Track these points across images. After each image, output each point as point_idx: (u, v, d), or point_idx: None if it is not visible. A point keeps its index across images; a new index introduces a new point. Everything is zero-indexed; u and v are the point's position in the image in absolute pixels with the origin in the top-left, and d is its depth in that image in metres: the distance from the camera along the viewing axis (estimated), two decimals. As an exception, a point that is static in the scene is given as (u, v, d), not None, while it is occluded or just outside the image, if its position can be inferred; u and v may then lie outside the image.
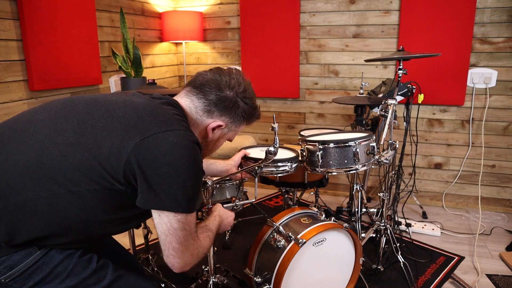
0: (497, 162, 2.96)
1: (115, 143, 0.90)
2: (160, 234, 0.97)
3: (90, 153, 0.90)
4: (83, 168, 0.90)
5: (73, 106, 0.99)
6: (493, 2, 2.70)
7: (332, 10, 3.07)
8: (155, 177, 0.90)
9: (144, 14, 3.11)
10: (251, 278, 1.64)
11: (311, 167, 1.78)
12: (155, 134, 0.92)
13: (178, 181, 0.92)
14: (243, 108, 1.14)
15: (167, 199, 0.92)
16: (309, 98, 3.30)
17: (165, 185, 0.91)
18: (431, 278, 2.14)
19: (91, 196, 0.92)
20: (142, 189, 0.92)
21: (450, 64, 2.84)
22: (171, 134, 0.93)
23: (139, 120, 0.94)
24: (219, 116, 1.12)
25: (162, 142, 0.91)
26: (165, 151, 0.90)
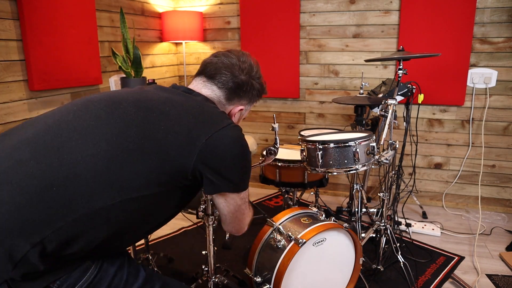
0: (497, 162, 2.96)
1: (181, 146, 0.96)
2: (227, 214, 1.14)
3: (159, 158, 0.93)
4: (155, 173, 0.93)
5: (122, 109, 0.98)
6: (493, 2, 2.70)
7: (332, 10, 3.07)
8: (222, 168, 1.01)
9: (144, 14, 3.11)
10: (251, 278, 1.64)
11: (311, 167, 1.78)
12: (215, 132, 0.99)
13: (241, 166, 1.06)
14: (257, 88, 1.23)
15: (234, 183, 1.06)
16: (309, 98, 3.30)
17: (231, 172, 1.04)
18: (431, 278, 2.14)
19: (160, 197, 0.98)
20: (210, 179, 1.01)
21: (450, 64, 2.84)
22: (228, 129, 1.03)
23: (196, 121, 1.01)
24: (239, 101, 1.20)
25: (223, 139, 1.01)
26: (228, 147, 1.01)
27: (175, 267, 2.28)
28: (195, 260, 2.33)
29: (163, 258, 2.33)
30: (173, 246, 2.52)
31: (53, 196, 0.85)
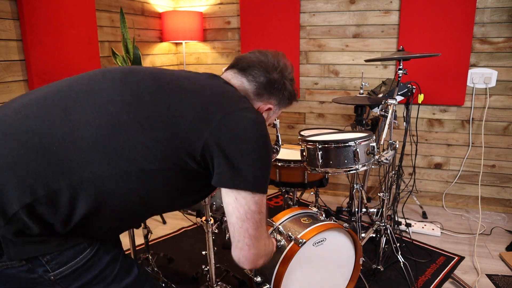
0: (497, 162, 2.96)
1: (194, 120, 0.87)
2: (235, 221, 0.92)
3: (168, 129, 0.86)
4: (161, 145, 0.85)
5: (138, 78, 0.93)
6: (493, 2, 2.70)
7: (332, 10, 3.07)
8: (236, 155, 0.88)
9: (144, 14, 3.11)
10: (251, 278, 1.64)
11: (311, 167, 1.78)
12: (234, 111, 0.90)
13: (259, 158, 0.90)
14: (289, 90, 1.13)
15: (249, 177, 0.89)
16: (309, 98, 3.30)
17: (246, 162, 0.89)
18: (431, 278, 2.14)
19: (162, 177, 0.88)
20: (221, 168, 0.88)
21: (450, 64, 2.84)
22: (249, 111, 0.93)
23: (215, 98, 0.92)
24: (268, 99, 1.10)
25: (241, 119, 0.90)
26: (245, 129, 0.89)
27: (175, 267, 2.28)
28: (195, 260, 2.33)
29: (163, 258, 2.32)
30: (173, 246, 2.52)
31: (52, 156, 0.80)
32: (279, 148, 1.50)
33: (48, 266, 0.82)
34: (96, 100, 0.87)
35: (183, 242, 2.56)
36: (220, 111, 0.89)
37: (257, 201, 0.92)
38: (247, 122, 0.90)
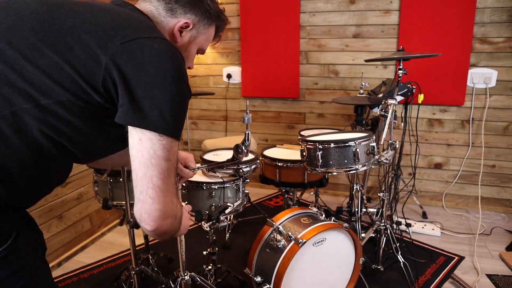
0: (497, 162, 2.96)
1: (90, 45, 0.75)
2: (138, 167, 0.78)
3: (60, 55, 0.74)
4: (54, 74, 0.74)
5: (22, 3, 0.80)
6: (493, 2, 2.70)
7: (332, 10, 3.07)
8: (139, 87, 0.76)
9: (144, 14, 3.11)
10: (251, 278, 1.64)
11: (311, 167, 1.78)
12: (138, 38, 0.78)
13: (166, 93, 0.78)
14: (208, 3, 0.98)
15: (153, 114, 0.76)
16: (309, 98, 3.30)
17: (150, 96, 0.76)
18: (431, 278, 2.14)
19: (63, 112, 0.76)
20: (123, 101, 0.76)
21: (450, 64, 2.84)
22: (156, 41, 0.81)
23: (115, 24, 0.80)
24: (183, 14, 0.95)
25: (146, 47, 0.78)
26: (151, 57, 0.77)
27: (175, 267, 2.28)
28: (195, 260, 2.33)
29: (163, 258, 2.33)
30: (173, 246, 2.51)
31: None
32: (247, 150, 1.28)
33: None
34: None
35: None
36: (120, 37, 0.77)
37: (165, 146, 0.78)
38: (154, 52, 0.78)
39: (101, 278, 2.19)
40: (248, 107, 1.29)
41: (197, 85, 3.56)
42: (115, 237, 2.70)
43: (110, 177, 1.78)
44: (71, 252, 2.42)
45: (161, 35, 0.85)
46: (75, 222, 2.46)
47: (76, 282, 2.16)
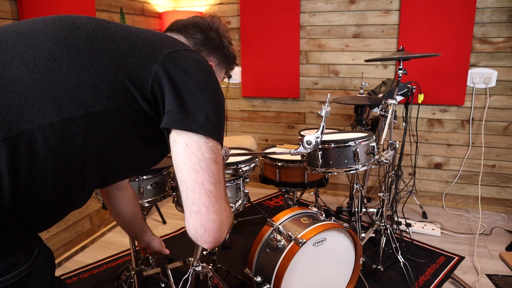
0: (497, 162, 2.96)
1: (140, 54, 0.78)
2: (187, 174, 0.75)
3: (114, 61, 0.75)
4: (107, 79, 0.73)
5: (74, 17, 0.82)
6: (493, 2, 2.70)
7: (332, 10, 3.07)
8: (187, 91, 0.78)
9: (144, 14, 3.11)
10: (251, 278, 1.64)
11: (311, 167, 1.78)
12: (180, 50, 0.83)
13: (209, 99, 0.80)
14: (228, 49, 1.08)
15: (200, 118, 0.77)
16: (309, 98, 3.30)
17: (197, 101, 0.78)
18: (431, 278, 2.14)
19: (111, 121, 0.74)
20: (171, 105, 0.77)
21: (450, 64, 2.84)
22: (194, 53, 0.86)
23: (159, 38, 0.84)
24: (208, 56, 1.02)
25: (189, 58, 0.83)
26: (194, 67, 0.81)
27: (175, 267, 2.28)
28: (195, 260, 2.33)
29: (163, 258, 2.32)
30: (173, 246, 2.52)
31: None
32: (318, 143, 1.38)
33: None
34: (28, 39, 0.73)
35: (183, 242, 2.56)
36: (167, 48, 0.81)
37: (212, 148, 0.78)
38: (195, 61, 0.83)
39: (101, 278, 2.19)
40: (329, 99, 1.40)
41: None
42: (115, 237, 2.70)
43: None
44: (71, 252, 2.42)
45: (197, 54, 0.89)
46: (75, 222, 2.46)
47: (76, 282, 2.17)
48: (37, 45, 0.72)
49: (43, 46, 0.72)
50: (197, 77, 0.80)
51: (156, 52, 0.79)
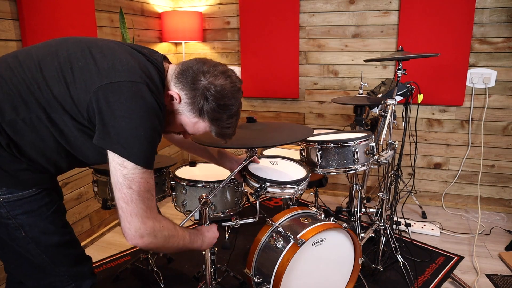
0: (496, 162, 2.96)
1: (86, 82, 0.99)
2: (113, 186, 1.01)
3: (67, 87, 1.00)
4: (60, 98, 1.00)
5: (65, 44, 1.11)
6: (492, 3, 2.71)
7: (332, 10, 3.07)
8: (111, 118, 0.95)
9: (144, 14, 3.11)
10: (251, 278, 1.64)
11: (311, 167, 1.78)
12: (121, 81, 0.98)
13: (132, 126, 0.96)
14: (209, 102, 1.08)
15: (117, 140, 0.96)
16: (308, 98, 3.31)
17: (118, 126, 0.95)
18: (431, 278, 2.14)
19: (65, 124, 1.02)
20: (98, 127, 0.98)
21: (450, 64, 2.84)
22: (137, 86, 0.99)
23: (111, 67, 1.00)
24: (180, 89, 1.09)
25: (125, 89, 0.97)
26: (125, 97, 0.96)
27: (174, 267, 2.28)
28: (195, 260, 2.33)
29: (162, 258, 2.33)
30: (172, 246, 2.51)
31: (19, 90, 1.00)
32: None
33: (0, 190, 1.02)
34: (26, 61, 1.06)
35: (183, 242, 2.56)
36: (107, 78, 0.98)
37: (126, 175, 0.97)
38: (130, 94, 0.97)
39: (101, 278, 2.19)
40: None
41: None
42: (115, 237, 2.70)
43: (109, 177, 1.77)
44: (70, 252, 2.42)
45: (146, 79, 1.02)
46: (74, 222, 2.46)
47: (76, 282, 2.16)
48: (25, 67, 1.03)
49: (28, 69, 1.03)
50: (125, 107, 0.96)
51: (97, 81, 0.98)
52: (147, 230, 1.01)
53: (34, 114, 1.00)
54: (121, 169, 0.97)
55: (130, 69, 1.01)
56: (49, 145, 1.05)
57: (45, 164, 1.08)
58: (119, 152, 0.96)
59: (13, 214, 1.04)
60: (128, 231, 1.00)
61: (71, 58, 1.04)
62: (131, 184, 0.98)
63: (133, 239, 1.00)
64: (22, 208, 1.05)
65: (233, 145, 1.45)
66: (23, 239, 1.07)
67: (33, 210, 1.07)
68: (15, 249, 1.09)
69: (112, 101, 0.96)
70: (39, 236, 1.09)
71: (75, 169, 2.43)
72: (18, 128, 1.00)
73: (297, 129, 1.61)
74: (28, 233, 1.07)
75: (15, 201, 1.04)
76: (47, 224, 1.10)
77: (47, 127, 1.02)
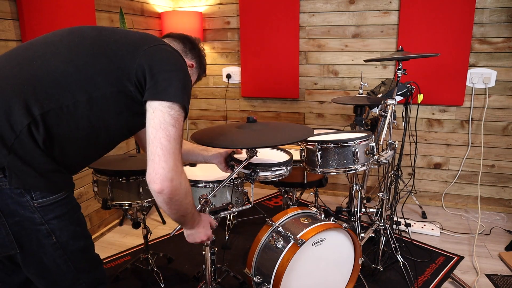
0: (496, 162, 2.96)
1: (127, 51, 1.09)
2: (150, 132, 1.05)
3: (108, 59, 1.08)
4: (104, 72, 1.06)
5: (81, 30, 1.16)
6: (492, 2, 2.71)
7: (332, 10, 3.07)
8: (161, 73, 1.07)
9: (144, 14, 3.11)
10: (251, 278, 1.64)
11: (311, 167, 1.78)
12: (157, 45, 1.13)
13: (177, 77, 1.09)
14: (204, 59, 1.43)
15: (169, 90, 1.06)
16: (308, 98, 3.31)
17: (168, 78, 1.07)
18: (431, 278, 2.14)
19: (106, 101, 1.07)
20: (150, 84, 1.07)
21: (450, 64, 2.84)
22: (168, 47, 1.17)
23: (141, 38, 1.15)
24: (191, 58, 1.36)
25: (162, 50, 1.13)
26: (167, 56, 1.12)
27: (174, 267, 2.28)
28: (195, 260, 2.33)
29: (162, 258, 2.33)
30: (173, 246, 2.52)
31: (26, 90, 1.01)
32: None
33: (34, 195, 1.01)
34: (47, 49, 1.12)
35: (183, 242, 2.55)
36: (147, 44, 1.12)
37: (173, 115, 1.06)
38: (167, 52, 1.13)
39: (100, 278, 2.19)
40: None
41: (197, 85, 3.56)
42: (115, 237, 2.70)
43: (109, 177, 1.78)
44: (70, 252, 2.42)
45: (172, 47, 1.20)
46: (74, 222, 2.46)
47: (76, 282, 2.16)
48: (57, 53, 1.08)
49: (61, 53, 1.08)
50: (168, 63, 1.10)
51: (139, 48, 1.10)
52: (177, 173, 1.06)
53: (72, 100, 1.03)
54: (169, 110, 1.05)
55: (156, 38, 1.19)
56: (82, 134, 1.07)
57: (74, 158, 1.11)
58: (171, 98, 1.05)
59: (46, 219, 1.04)
60: (161, 171, 1.02)
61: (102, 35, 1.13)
62: (175, 123, 1.06)
63: (163, 181, 1.03)
64: (54, 212, 1.05)
65: (234, 145, 1.46)
66: (52, 245, 1.06)
67: (64, 213, 1.08)
68: (40, 258, 1.08)
69: (158, 60, 1.09)
70: (67, 241, 1.09)
71: (75, 169, 2.45)
72: (56, 119, 1.01)
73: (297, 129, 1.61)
74: (59, 238, 1.07)
75: (48, 205, 1.04)
76: (75, 228, 1.11)
77: (85, 110, 1.05)
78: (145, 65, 1.07)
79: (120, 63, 1.08)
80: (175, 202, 1.10)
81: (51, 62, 1.06)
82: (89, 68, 1.06)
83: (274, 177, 1.63)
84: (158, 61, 1.09)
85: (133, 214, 2.03)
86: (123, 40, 1.13)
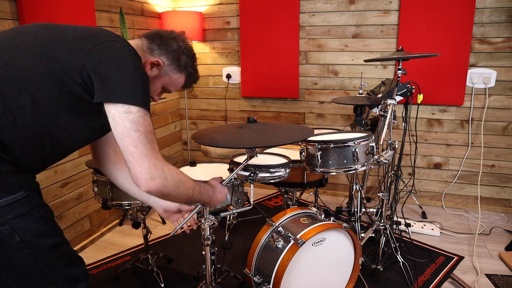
0: (496, 162, 2.96)
1: (71, 51, 1.04)
2: (117, 141, 1.04)
3: (51, 60, 1.03)
4: (48, 74, 1.02)
5: (26, 29, 1.12)
6: (492, 2, 2.71)
7: (332, 10, 3.07)
8: (109, 73, 1.02)
9: (144, 14, 3.11)
10: (251, 278, 1.64)
11: (311, 167, 1.78)
12: (105, 41, 1.07)
13: (129, 75, 1.04)
14: (183, 54, 1.25)
15: (120, 91, 1.02)
16: (308, 98, 3.31)
17: (117, 78, 1.03)
18: (431, 278, 2.14)
19: (51, 102, 1.04)
20: (98, 86, 1.03)
21: (450, 64, 2.84)
22: (119, 43, 1.09)
23: (89, 36, 1.09)
24: (159, 55, 1.23)
25: (111, 46, 1.07)
26: (115, 52, 1.06)
27: (174, 267, 2.28)
28: (195, 260, 2.33)
29: (162, 258, 2.33)
30: (172, 246, 2.52)
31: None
32: None
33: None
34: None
35: (183, 242, 2.56)
36: (92, 42, 1.06)
37: (132, 119, 1.02)
38: (117, 49, 1.07)
39: (100, 278, 2.19)
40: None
41: (197, 85, 3.56)
42: (115, 237, 2.70)
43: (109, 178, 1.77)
44: (70, 252, 2.42)
45: (124, 41, 1.13)
46: (74, 222, 2.46)
47: (76, 282, 2.16)
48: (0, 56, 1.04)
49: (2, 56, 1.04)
50: (115, 61, 1.04)
51: (83, 47, 1.04)
52: (157, 171, 1.04)
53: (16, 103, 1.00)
54: (127, 115, 1.02)
55: (108, 33, 1.12)
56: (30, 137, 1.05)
57: (30, 159, 1.08)
58: (125, 100, 1.01)
59: (6, 220, 1.02)
60: (140, 176, 1.02)
61: (45, 34, 1.08)
62: (138, 127, 1.03)
63: (146, 183, 1.03)
64: (13, 212, 1.03)
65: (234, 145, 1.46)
66: (17, 245, 1.05)
67: (25, 212, 1.06)
68: (9, 259, 1.07)
69: (105, 59, 1.04)
70: (33, 240, 1.07)
71: (75, 169, 2.45)
72: (3, 123, 1.00)
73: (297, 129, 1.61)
74: (23, 238, 1.05)
75: (5, 206, 1.02)
76: (39, 226, 1.09)
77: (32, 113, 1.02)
78: (88, 66, 1.02)
79: (62, 64, 1.03)
80: (168, 194, 1.09)
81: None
82: (31, 69, 1.02)
83: (273, 179, 1.64)
84: (105, 60, 1.04)
85: (133, 214, 2.03)
86: (68, 38, 1.08)
